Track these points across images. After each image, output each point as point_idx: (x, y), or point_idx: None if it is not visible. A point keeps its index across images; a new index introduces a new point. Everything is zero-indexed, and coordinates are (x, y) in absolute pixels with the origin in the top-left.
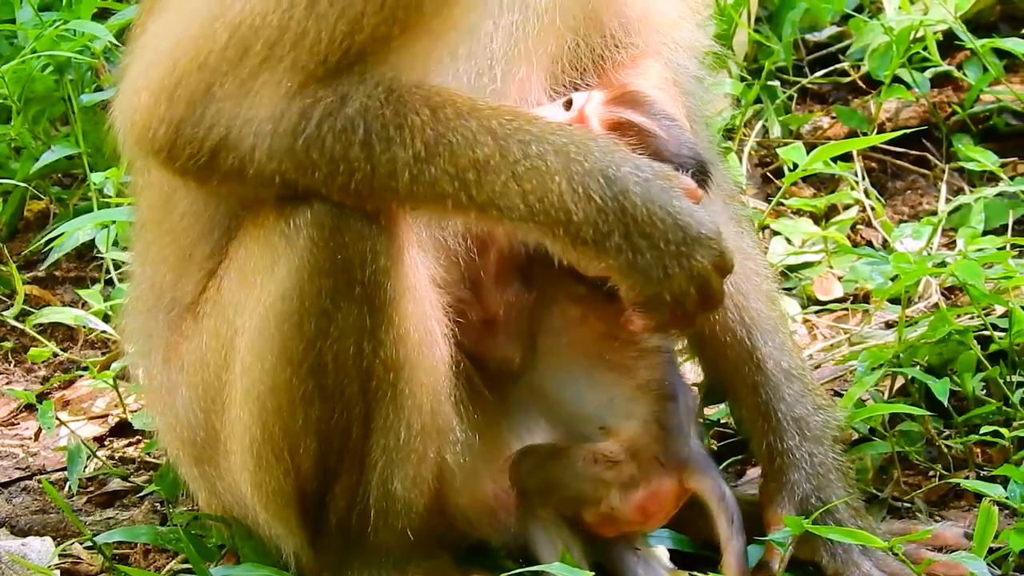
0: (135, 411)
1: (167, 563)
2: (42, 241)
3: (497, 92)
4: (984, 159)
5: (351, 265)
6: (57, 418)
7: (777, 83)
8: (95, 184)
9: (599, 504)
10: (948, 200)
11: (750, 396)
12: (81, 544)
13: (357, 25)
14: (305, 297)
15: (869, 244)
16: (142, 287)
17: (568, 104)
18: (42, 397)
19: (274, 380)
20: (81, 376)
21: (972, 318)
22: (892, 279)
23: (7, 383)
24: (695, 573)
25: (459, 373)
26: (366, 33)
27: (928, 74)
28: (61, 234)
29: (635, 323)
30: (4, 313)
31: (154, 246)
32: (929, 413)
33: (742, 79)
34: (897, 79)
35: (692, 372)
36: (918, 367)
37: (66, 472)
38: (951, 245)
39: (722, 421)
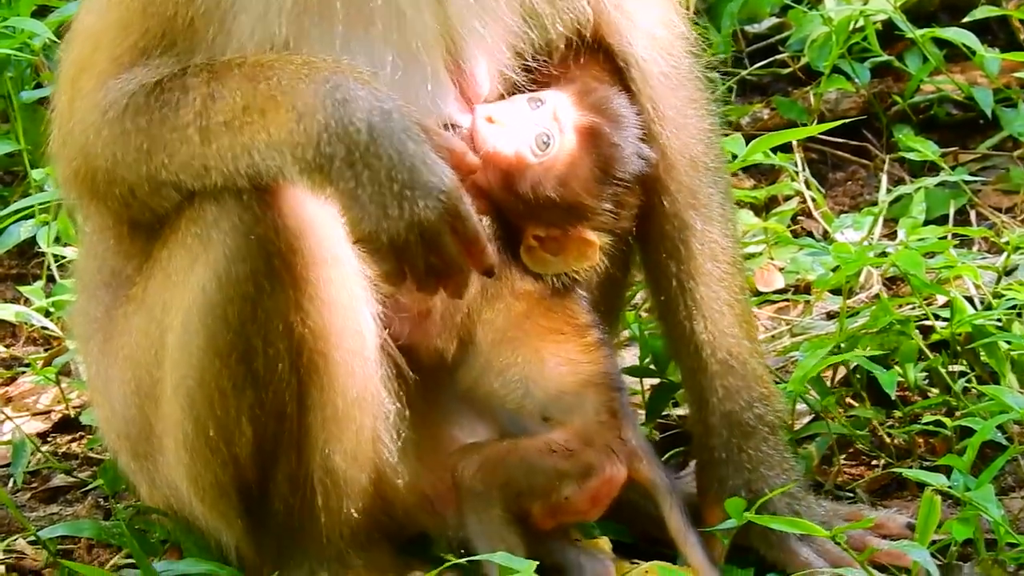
0: (78, 407)
1: (111, 558)
2: None
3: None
4: (925, 149)
5: (265, 240)
6: (3, 412)
7: (716, 75)
8: (36, 180)
9: (550, 496)
10: (889, 190)
11: (688, 381)
12: (25, 540)
13: (144, 39)
14: (226, 287)
15: (810, 235)
16: (86, 260)
17: (535, 102)
18: None
19: (202, 374)
20: (23, 372)
21: (913, 308)
22: (833, 270)
23: None
24: (637, 561)
25: (391, 358)
26: (148, 40)
27: (868, 64)
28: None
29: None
30: None
31: (95, 211)
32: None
33: None
34: (837, 70)
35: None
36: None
37: (8, 468)
38: (892, 235)
39: (664, 413)
